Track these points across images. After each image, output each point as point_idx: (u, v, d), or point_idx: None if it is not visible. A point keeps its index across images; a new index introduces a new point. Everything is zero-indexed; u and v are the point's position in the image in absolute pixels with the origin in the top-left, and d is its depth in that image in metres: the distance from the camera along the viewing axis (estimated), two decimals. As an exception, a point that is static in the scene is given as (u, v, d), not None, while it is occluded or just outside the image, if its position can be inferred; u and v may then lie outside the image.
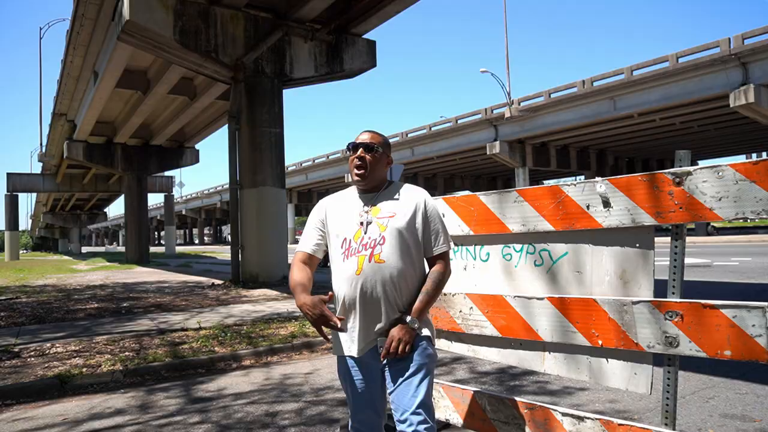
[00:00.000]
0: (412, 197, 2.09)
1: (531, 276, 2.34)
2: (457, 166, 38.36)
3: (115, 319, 7.88)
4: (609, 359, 2.08)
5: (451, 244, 2.15)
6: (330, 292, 2.07)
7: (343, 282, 2.03)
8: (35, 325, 7.52)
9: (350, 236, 2.06)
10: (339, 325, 1.93)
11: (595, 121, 25.49)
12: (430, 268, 2.10)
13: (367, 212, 2.07)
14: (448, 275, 2.09)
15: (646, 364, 1.98)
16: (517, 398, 2.44)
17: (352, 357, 2.03)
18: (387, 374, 2.00)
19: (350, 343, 2.04)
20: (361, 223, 2.05)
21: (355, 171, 2.10)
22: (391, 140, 40.28)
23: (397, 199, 2.09)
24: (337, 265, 2.07)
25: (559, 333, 2.17)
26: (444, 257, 2.09)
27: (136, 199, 27.49)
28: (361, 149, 2.10)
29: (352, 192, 2.18)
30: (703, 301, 1.80)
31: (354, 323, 2.03)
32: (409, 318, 1.97)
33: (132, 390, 4.54)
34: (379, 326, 2.00)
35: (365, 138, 2.13)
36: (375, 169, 2.10)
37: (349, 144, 2.14)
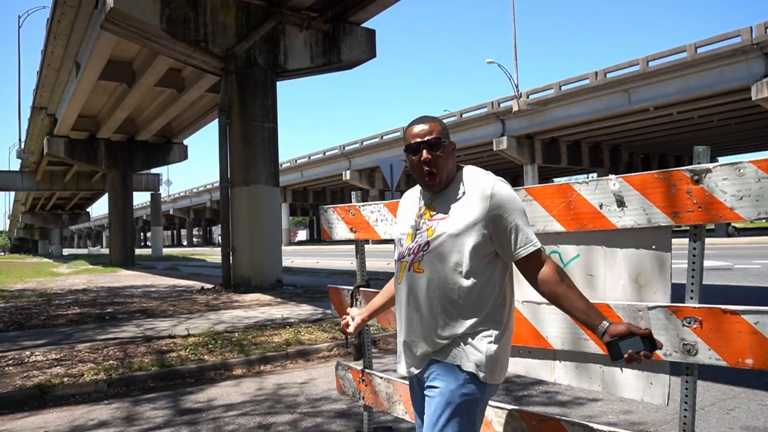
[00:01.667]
0: (474, 191, 1.78)
1: (540, 280, 2.33)
2: (462, 164, 38.26)
3: (98, 326, 7.88)
4: (623, 368, 2.08)
5: (537, 240, 1.78)
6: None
7: (395, 289, 1.95)
8: (13, 332, 7.52)
9: (404, 239, 1.90)
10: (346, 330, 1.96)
11: (608, 115, 25.49)
12: (526, 277, 1.79)
13: (421, 213, 1.87)
14: (563, 271, 1.76)
15: (662, 374, 1.98)
16: (525, 409, 2.44)
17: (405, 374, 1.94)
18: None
19: (399, 357, 1.94)
20: (415, 224, 1.87)
21: (426, 179, 1.82)
22: (390, 136, 40.44)
23: (457, 195, 1.81)
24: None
25: (570, 340, 2.17)
26: (540, 254, 1.76)
27: (120, 198, 27.50)
28: (425, 150, 1.80)
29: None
30: (723, 307, 1.80)
31: (401, 337, 1.90)
32: (604, 322, 1.65)
33: (116, 401, 4.54)
34: (421, 351, 1.82)
35: (424, 130, 1.83)
36: (446, 167, 1.83)
37: (406, 144, 1.88)
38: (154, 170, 34.76)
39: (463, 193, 1.80)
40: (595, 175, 37.52)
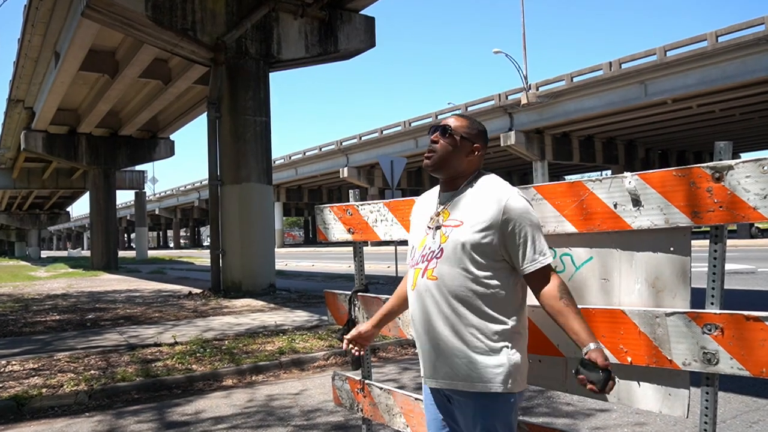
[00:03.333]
0: (489, 200, 1.88)
1: (551, 284, 2.34)
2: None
3: (79, 333, 7.89)
4: (639, 378, 2.08)
5: (549, 254, 1.89)
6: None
7: (409, 296, 2.02)
8: (-12, 340, 7.52)
9: (417, 243, 1.99)
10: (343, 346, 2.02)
11: (623, 109, 25.49)
12: (530, 289, 1.93)
13: (438, 216, 1.95)
14: (566, 287, 1.89)
15: (681, 384, 1.98)
16: (533, 420, 2.44)
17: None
18: None
19: (420, 364, 2.01)
20: (428, 229, 1.96)
21: (425, 158, 2.00)
22: (391, 131, 40.41)
23: (473, 201, 1.91)
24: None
25: (583, 349, 2.17)
26: (547, 270, 1.87)
27: (102, 196, 27.50)
28: (436, 132, 1.98)
29: (438, 188, 2.07)
30: (746, 313, 1.79)
31: (418, 345, 2.00)
32: (590, 344, 1.80)
33: (98, 413, 4.54)
34: (440, 367, 1.90)
35: (445, 120, 2.02)
36: (447, 158, 1.95)
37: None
38: (138, 167, 34.74)
39: (479, 200, 1.90)
40: (609, 172, 37.53)
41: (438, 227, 1.92)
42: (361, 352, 2.23)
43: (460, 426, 1.94)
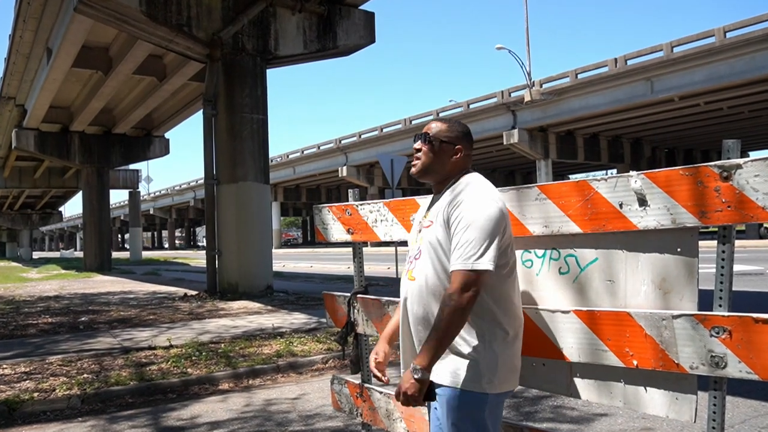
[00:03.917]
0: (451, 199, 1.97)
1: (555, 285, 2.33)
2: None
3: (71, 336, 7.89)
4: (646, 382, 2.08)
5: (479, 260, 1.83)
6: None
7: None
8: (-21, 343, 7.52)
9: (410, 247, 2.13)
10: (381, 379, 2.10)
11: (629, 106, 25.49)
12: None
13: (423, 219, 2.09)
14: (455, 303, 1.81)
15: (689, 388, 1.98)
16: (536, 426, 2.44)
17: None
18: None
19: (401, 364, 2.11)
20: (417, 232, 2.10)
21: (411, 164, 2.13)
22: (391, 129, 40.44)
23: (445, 201, 1.99)
24: None
25: (588, 352, 2.17)
26: (456, 276, 1.83)
27: (96, 196, 27.49)
28: (419, 140, 2.08)
29: None
30: (755, 315, 1.79)
31: (401, 345, 2.09)
32: (412, 364, 1.87)
33: (91, 418, 4.54)
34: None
35: (427, 127, 2.12)
36: (429, 164, 2.06)
37: None
38: (132, 166, 34.76)
39: (443, 201, 2.00)
40: (614, 171, 37.55)
41: (420, 229, 2.06)
42: (385, 378, 2.16)
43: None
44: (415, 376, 1.82)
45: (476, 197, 1.91)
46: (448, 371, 1.91)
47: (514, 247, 2.12)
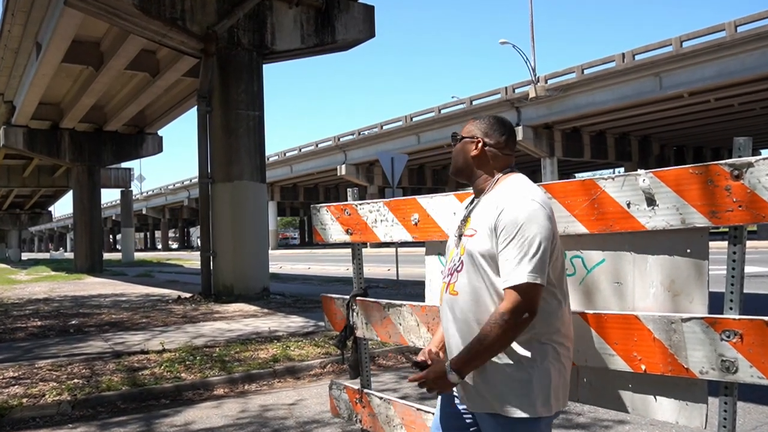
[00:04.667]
0: (492, 205, 1.84)
1: (560, 288, 2.33)
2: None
3: (61, 340, 7.89)
4: (655, 387, 2.07)
5: (534, 274, 1.72)
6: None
7: (440, 311, 2.04)
8: (-34, 347, 7.52)
9: (448, 254, 2.02)
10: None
11: (637, 102, 25.50)
12: None
13: (462, 224, 1.98)
14: (512, 322, 1.71)
15: (699, 393, 1.98)
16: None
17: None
18: None
19: None
20: (456, 238, 1.98)
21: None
22: (392, 126, 40.39)
23: (484, 208, 1.88)
24: None
25: (595, 356, 2.16)
26: (510, 294, 1.73)
27: (87, 195, 27.49)
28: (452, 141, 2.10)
29: None
30: (767, 318, 1.79)
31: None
32: (447, 363, 1.83)
33: (82, 424, 4.54)
34: (465, 387, 1.92)
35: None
36: (457, 163, 2.04)
37: None
38: (124, 164, 34.78)
39: (488, 206, 1.88)
40: (621, 170, 37.55)
41: (460, 236, 1.93)
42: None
43: None
44: (450, 377, 1.80)
45: (520, 203, 1.79)
46: (496, 395, 1.81)
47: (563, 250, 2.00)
